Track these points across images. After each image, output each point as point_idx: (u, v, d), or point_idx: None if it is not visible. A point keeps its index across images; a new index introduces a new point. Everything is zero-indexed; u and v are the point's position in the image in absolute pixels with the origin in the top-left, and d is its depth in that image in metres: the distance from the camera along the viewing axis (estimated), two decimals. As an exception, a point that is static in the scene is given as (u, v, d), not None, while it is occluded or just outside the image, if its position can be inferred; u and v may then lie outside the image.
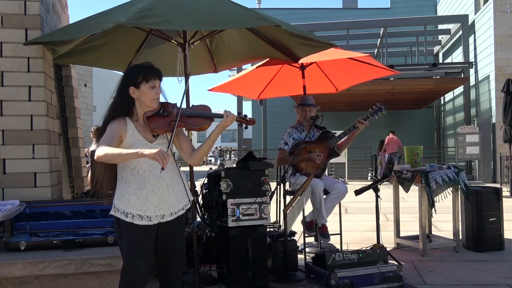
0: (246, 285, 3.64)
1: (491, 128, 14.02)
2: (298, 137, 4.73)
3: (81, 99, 18.19)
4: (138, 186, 2.42)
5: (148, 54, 4.76)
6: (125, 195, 2.42)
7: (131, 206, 2.41)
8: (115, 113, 2.46)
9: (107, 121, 2.46)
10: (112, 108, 2.48)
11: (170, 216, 2.50)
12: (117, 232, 2.50)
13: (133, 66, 2.61)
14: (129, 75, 2.49)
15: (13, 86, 3.78)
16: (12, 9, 3.81)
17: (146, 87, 2.44)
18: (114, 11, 3.47)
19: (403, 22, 18.16)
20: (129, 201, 2.42)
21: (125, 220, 2.41)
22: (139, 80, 2.43)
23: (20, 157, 3.77)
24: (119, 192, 2.45)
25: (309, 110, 4.79)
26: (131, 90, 2.44)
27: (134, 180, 2.43)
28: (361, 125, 4.46)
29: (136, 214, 2.41)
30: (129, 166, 2.43)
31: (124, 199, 2.42)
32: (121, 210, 2.42)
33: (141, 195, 2.42)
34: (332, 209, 4.58)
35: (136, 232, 2.42)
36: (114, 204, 2.45)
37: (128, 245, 2.42)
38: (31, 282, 3.04)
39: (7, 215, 3.24)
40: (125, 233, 2.43)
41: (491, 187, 5.16)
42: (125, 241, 2.44)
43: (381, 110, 4.54)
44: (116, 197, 2.45)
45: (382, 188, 4.43)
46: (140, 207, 2.42)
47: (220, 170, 3.94)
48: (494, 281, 3.85)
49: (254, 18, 3.43)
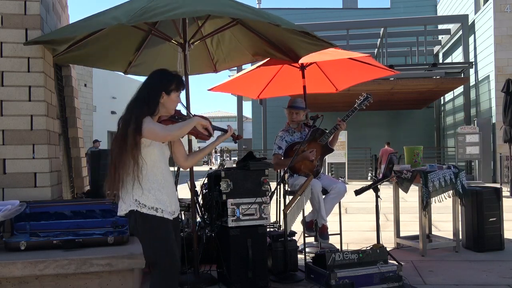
0: (246, 285, 3.63)
1: (491, 128, 14.02)
2: (290, 139, 4.73)
3: (81, 99, 18.18)
4: (160, 182, 2.56)
5: (148, 54, 4.76)
6: (151, 191, 2.52)
7: (159, 201, 2.53)
8: (148, 111, 2.55)
9: (141, 116, 2.50)
10: (143, 106, 2.54)
11: (177, 212, 2.72)
12: (140, 228, 2.52)
13: (166, 73, 2.69)
14: (163, 81, 2.62)
15: (13, 86, 3.78)
16: (12, 9, 3.81)
17: (175, 96, 2.63)
18: (114, 10, 3.47)
19: (403, 22, 18.17)
20: (156, 197, 2.52)
21: (155, 215, 2.51)
22: (171, 88, 2.61)
23: (20, 157, 3.77)
24: (145, 189, 2.51)
25: (295, 113, 4.76)
26: (162, 94, 2.59)
27: (156, 178, 2.55)
28: (341, 127, 4.53)
29: (165, 209, 2.55)
30: (148, 163, 2.52)
31: (151, 195, 2.52)
32: (148, 206, 2.50)
33: (164, 191, 2.56)
34: (331, 209, 4.58)
35: (169, 226, 2.56)
36: (138, 201, 2.49)
37: (165, 238, 2.52)
38: (31, 282, 3.04)
39: (7, 215, 3.24)
40: (157, 229, 2.52)
41: (491, 187, 5.16)
42: (159, 236, 2.52)
43: (367, 99, 4.57)
44: (139, 194, 2.50)
45: (382, 188, 4.43)
46: (165, 202, 2.56)
47: (220, 170, 3.94)
48: (494, 281, 3.85)
49: (254, 14, 3.44)
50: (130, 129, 2.46)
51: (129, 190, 2.50)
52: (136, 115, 2.49)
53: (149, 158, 2.52)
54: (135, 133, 2.45)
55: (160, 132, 2.51)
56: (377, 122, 19.53)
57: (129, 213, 2.52)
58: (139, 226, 2.52)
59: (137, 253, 3.12)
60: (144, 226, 2.51)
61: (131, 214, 2.52)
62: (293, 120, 4.78)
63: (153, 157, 2.54)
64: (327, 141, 4.65)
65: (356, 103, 4.58)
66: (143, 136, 2.48)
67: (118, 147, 2.49)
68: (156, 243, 2.52)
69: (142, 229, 2.52)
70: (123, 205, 2.54)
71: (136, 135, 2.46)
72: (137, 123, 2.46)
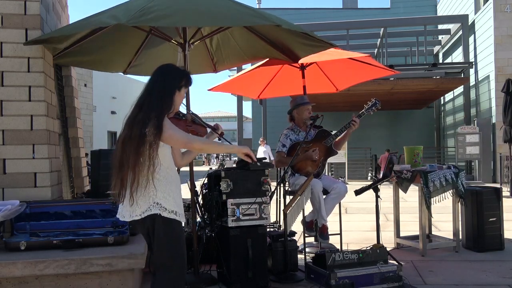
0: (246, 285, 3.63)
1: (491, 128, 14.02)
2: (295, 138, 4.73)
3: (81, 99, 18.19)
4: (176, 185, 2.51)
5: (147, 54, 4.77)
6: (171, 194, 2.45)
7: (177, 205, 2.48)
8: (167, 109, 2.48)
9: (161, 116, 2.40)
10: (161, 104, 2.44)
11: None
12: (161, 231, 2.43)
13: (176, 68, 2.64)
14: (175, 77, 2.56)
15: (13, 86, 3.78)
16: (12, 9, 3.81)
17: (183, 92, 2.59)
18: (114, 9, 3.47)
19: (403, 22, 18.16)
20: (175, 200, 2.46)
21: (175, 218, 2.45)
22: (181, 84, 2.56)
23: (20, 157, 3.77)
24: (165, 192, 2.42)
25: (307, 108, 4.78)
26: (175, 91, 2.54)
27: (172, 180, 2.49)
28: (356, 123, 4.48)
29: (181, 212, 2.51)
30: (163, 164, 2.44)
31: (171, 198, 2.44)
32: (169, 210, 2.42)
33: (179, 194, 2.53)
34: (332, 209, 4.58)
35: (182, 228, 2.56)
36: (160, 204, 2.40)
37: (182, 242, 2.52)
38: (31, 282, 3.04)
39: (7, 215, 3.24)
40: (175, 232, 2.47)
41: (491, 187, 5.16)
42: (176, 238, 2.47)
43: (375, 105, 4.57)
44: (159, 197, 2.40)
45: (382, 188, 4.43)
46: (180, 205, 2.52)
47: (220, 170, 3.94)
48: (494, 281, 3.85)
49: (255, 16, 3.44)
50: (149, 129, 2.33)
51: (147, 193, 2.38)
52: (156, 115, 2.37)
53: (164, 159, 2.45)
54: (156, 133, 2.34)
55: (183, 140, 2.45)
56: (377, 122, 19.52)
57: (147, 217, 2.41)
58: (158, 229, 2.42)
59: (137, 253, 3.12)
60: (164, 229, 2.43)
61: (148, 217, 2.41)
62: (307, 116, 4.71)
63: (166, 157, 2.48)
64: (332, 143, 4.65)
65: (364, 107, 4.58)
66: (162, 139, 2.37)
67: (133, 147, 2.35)
68: (172, 246, 2.46)
69: (163, 232, 2.43)
70: (138, 209, 2.40)
71: (156, 136, 2.34)
72: (158, 123, 2.35)
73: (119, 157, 2.39)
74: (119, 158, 2.39)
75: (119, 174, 2.39)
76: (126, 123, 2.44)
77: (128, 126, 2.41)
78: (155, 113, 2.38)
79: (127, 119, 2.44)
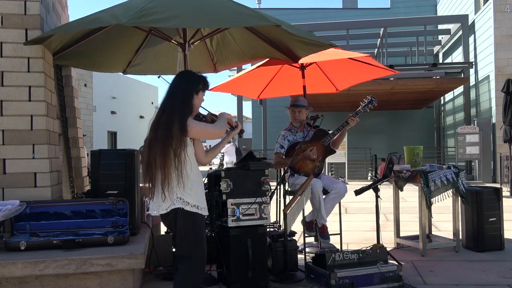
0: (246, 285, 3.64)
1: (491, 128, 14.02)
2: (292, 139, 4.73)
3: (81, 99, 18.20)
4: (197, 181, 2.71)
5: (147, 53, 4.77)
6: (193, 190, 2.65)
7: (200, 199, 2.68)
8: (189, 112, 2.70)
9: (185, 118, 2.63)
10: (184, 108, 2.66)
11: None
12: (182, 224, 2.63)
13: (192, 74, 2.83)
14: (193, 81, 2.77)
15: (13, 86, 3.78)
16: (12, 9, 3.81)
17: (201, 96, 2.80)
18: (114, 8, 3.46)
19: (403, 22, 18.15)
20: (197, 194, 2.67)
21: (197, 212, 2.65)
22: (199, 88, 2.77)
23: (20, 157, 3.77)
24: (187, 187, 2.62)
25: (298, 111, 4.76)
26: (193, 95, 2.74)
27: (195, 176, 2.69)
28: (353, 121, 4.48)
29: (204, 206, 2.70)
30: (190, 161, 2.66)
31: (193, 193, 2.65)
32: (191, 204, 2.62)
33: (202, 189, 2.75)
34: (332, 209, 4.58)
35: (204, 222, 2.73)
36: (182, 199, 2.60)
37: (202, 234, 2.70)
38: (31, 282, 3.04)
39: (7, 215, 3.23)
40: (196, 225, 2.65)
41: (491, 187, 5.16)
42: (196, 231, 2.65)
43: (372, 102, 4.56)
44: (182, 192, 2.61)
45: (382, 188, 4.44)
46: (203, 200, 2.73)
47: (220, 170, 3.94)
48: (494, 281, 3.85)
49: (255, 17, 3.43)
50: (174, 130, 2.56)
51: (171, 189, 2.59)
52: (180, 117, 2.59)
53: (188, 158, 2.64)
54: (180, 134, 2.57)
55: (211, 130, 2.72)
56: (377, 122, 19.53)
57: (171, 210, 2.62)
58: (180, 221, 2.62)
59: (137, 253, 3.12)
60: (185, 221, 2.61)
61: (172, 211, 2.62)
62: (295, 119, 4.78)
63: (190, 156, 2.67)
64: (329, 142, 4.65)
65: (360, 105, 4.57)
66: (189, 135, 2.62)
67: (159, 148, 2.57)
68: (192, 238, 2.64)
69: (183, 223, 2.62)
70: (163, 204, 2.62)
71: (181, 136, 2.57)
72: (181, 124, 2.58)
73: (147, 158, 2.61)
74: (146, 159, 2.61)
75: (147, 174, 2.62)
76: (151, 126, 2.66)
77: (153, 129, 2.63)
78: (178, 115, 2.60)
79: (152, 122, 2.67)
